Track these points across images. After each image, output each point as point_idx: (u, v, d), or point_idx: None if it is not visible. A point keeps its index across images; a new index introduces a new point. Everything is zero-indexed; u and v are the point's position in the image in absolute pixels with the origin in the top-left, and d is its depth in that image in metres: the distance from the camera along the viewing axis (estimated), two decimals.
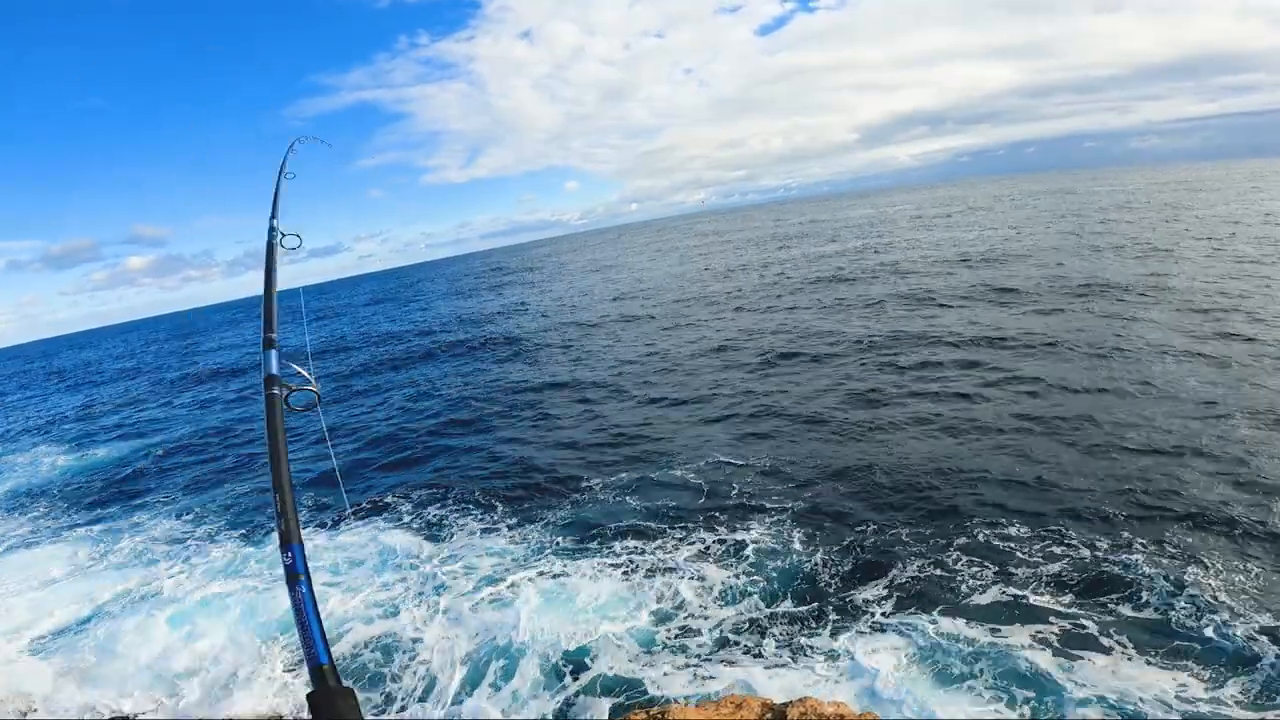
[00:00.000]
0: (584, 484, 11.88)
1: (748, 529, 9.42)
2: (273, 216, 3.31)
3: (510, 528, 10.63)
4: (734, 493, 10.57)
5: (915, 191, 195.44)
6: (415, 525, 11.21)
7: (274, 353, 2.35)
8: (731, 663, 6.80)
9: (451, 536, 10.61)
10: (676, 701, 5.93)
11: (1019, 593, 7.30)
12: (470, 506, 11.61)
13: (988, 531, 8.54)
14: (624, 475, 11.99)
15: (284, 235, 3.20)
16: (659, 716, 3.79)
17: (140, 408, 28.18)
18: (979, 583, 7.56)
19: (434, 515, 11.48)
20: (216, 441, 19.68)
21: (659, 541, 9.48)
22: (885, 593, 7.68)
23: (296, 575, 1.77)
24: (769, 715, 3.76)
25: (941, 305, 21.67)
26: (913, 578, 7.85)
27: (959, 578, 7.70)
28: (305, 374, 2.34)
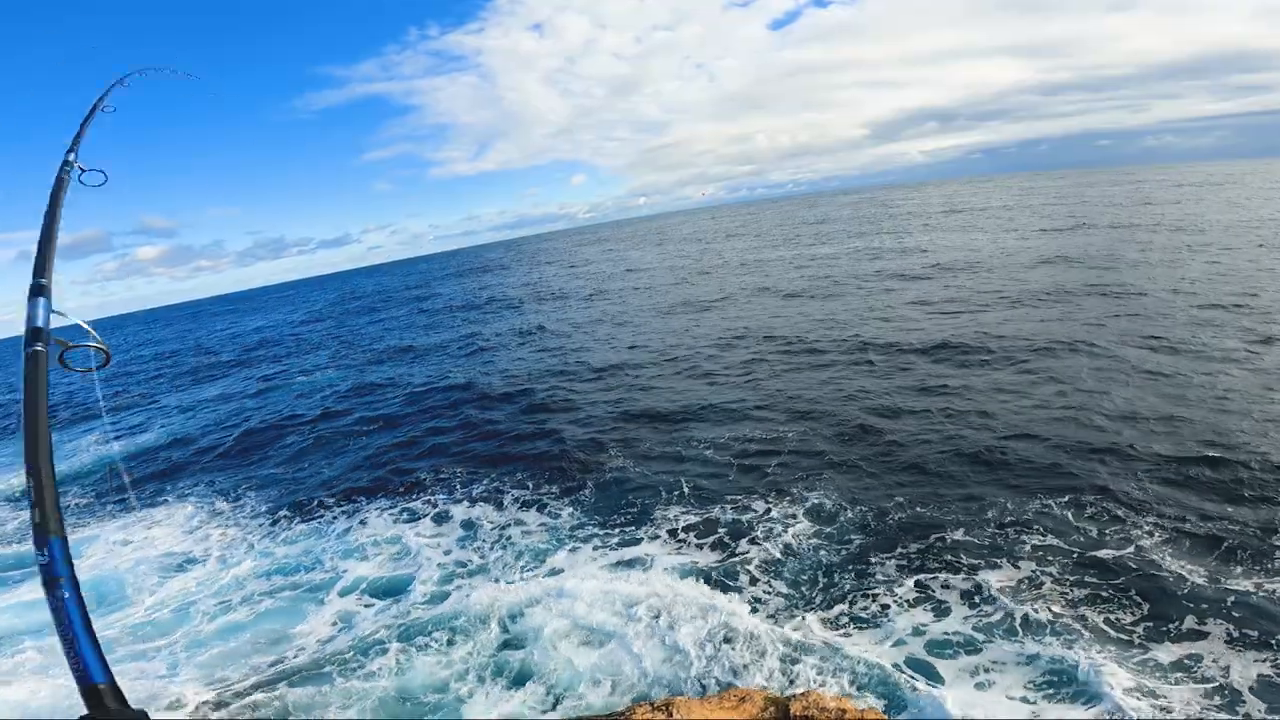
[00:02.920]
0: (614, 462, 11.77)
1: (776, 511, 9.20)
2: (70, 150, 2.66)
3: (544, 505, 10.50)
4: (764, 476, 10.33)
5: (923, 188, 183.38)
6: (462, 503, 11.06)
7: (42, 300, 1.82)
8: (749, 653, 6.53)
9: (489, 513, 10.57)
10: (682, 694, 5.73)
11: (1060, 590, 6.88)
12: (510, 487, 11.45)
13: (1018, 523, 8.16)
14: (657, 452, 11.92)
15: (85, 171, 2.60)
16: (664, 708, 3.77)
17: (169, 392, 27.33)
18: (1009, 577, 7.16)
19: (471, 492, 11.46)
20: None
21: (675, 522, 9.32)
22: (912, 584, 7.32)
23: (56, 578, 1.33)
24: (772, 708, 3.76)
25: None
26: (941, 571, 7.46)
27: (991, 576, 7.28)
28: (85, 326, 1.84)
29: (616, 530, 9.33)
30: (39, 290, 1.86)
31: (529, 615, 7.41)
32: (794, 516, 9.02)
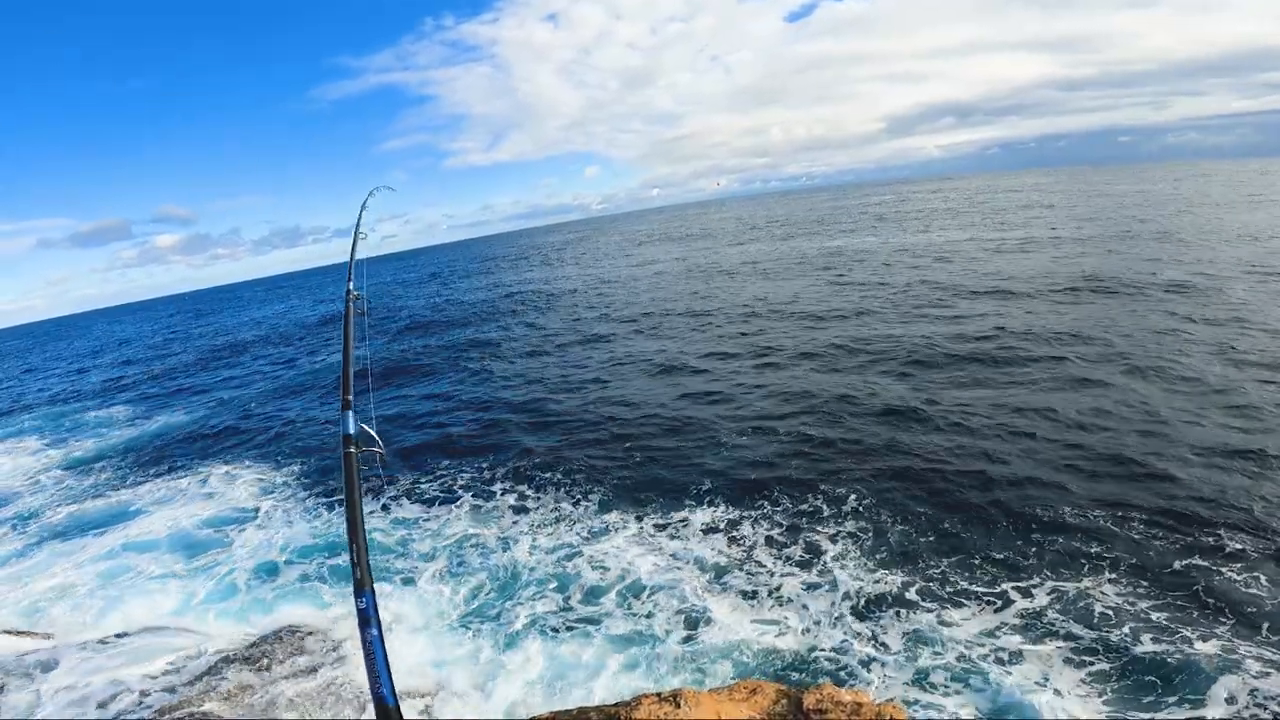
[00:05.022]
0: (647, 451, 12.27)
1: (804, 508, 9.50)
2: (349, 280, 3.60)
3: (579, 502, 10.98)
4: (788, 476, 10.54)
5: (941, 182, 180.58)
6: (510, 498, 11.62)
7: (350, 414, 2.68)
8: (761, 643, 6.91)
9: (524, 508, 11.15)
10: (691, 686, 6.09)
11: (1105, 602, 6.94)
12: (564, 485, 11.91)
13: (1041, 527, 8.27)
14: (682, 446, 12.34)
15: (359, 298, 3.52)
16: (672, 699, 3.70)
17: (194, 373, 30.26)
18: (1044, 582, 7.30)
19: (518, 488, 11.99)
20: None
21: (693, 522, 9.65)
22: (938, 587, 7.43)
23: (368, 619, 2.07)
24: (784, 701, 3.65)
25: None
26: (978, 579, 7.58)
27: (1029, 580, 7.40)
28: (373, 434, 2.68)
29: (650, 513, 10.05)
30: (347, 405, 2.75)
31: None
32: (823, 513, 9.23)
